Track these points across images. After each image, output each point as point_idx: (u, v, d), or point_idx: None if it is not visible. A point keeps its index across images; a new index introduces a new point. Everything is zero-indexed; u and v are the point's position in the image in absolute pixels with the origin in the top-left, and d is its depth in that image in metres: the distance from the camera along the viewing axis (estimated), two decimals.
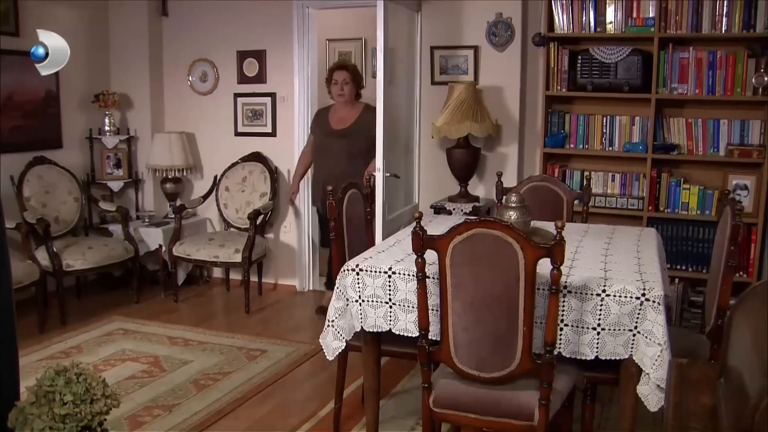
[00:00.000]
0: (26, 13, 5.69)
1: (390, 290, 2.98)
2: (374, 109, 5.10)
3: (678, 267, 5.06)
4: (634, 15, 4.99)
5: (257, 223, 5.85)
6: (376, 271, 2.99)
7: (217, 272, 6.63)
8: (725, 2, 4.73)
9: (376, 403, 3.26)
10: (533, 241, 2.53)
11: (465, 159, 5.29)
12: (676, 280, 5.04)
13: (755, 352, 1.67)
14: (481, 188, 5.59)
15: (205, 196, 6.43)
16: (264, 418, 3.96)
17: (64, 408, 1.87)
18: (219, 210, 6.40)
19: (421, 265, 2.68)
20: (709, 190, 4.98)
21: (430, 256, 2.66)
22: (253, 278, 6.17)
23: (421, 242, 2.65)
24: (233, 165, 6.34)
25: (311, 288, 6.35)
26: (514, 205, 3.30)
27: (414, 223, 2.67)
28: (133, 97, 6.55)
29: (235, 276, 6.37)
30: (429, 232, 2.67)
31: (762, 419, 1.41)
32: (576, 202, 4.31)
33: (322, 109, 5.76)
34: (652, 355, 2.68)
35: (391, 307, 2.99)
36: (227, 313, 5.93)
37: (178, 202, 6.32)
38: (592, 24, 5.09)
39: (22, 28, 5.65)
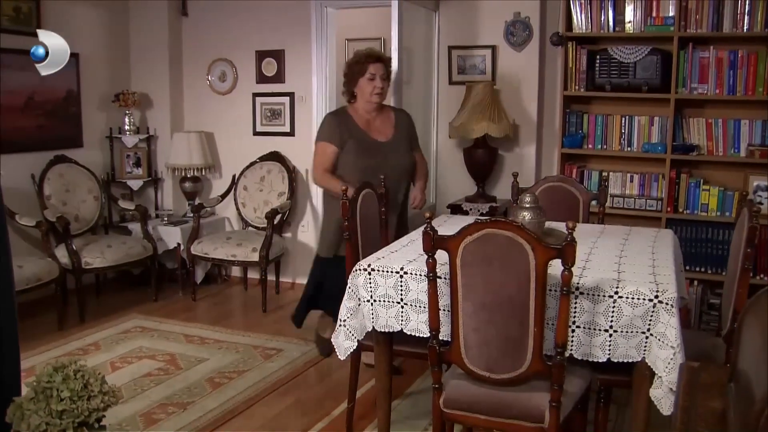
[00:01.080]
0: (48, 14, 5.75)
1: (402, 290, 2.97)
2: (403, 110, 4.72)
3: (697, 269, 5.00)
4: (654, 14, 4.94)
5: (275, 222, 5.87)
6: (387, 271, 2.99)
7: (236, 271, 6.65)
8: (747, 1, 4.67)
9: (387, 403, 3.25)
10: (544, 242, 2.51)
11: (482, 159, 5.27)
12: (695, 282, 4.99)
13: (763, 355, 1.65)
14: (498, 188, 5.56)
15: (224, 195, 6.46)
16: (278, 417, 3.97)
17: (62, 404, 1.88)
18: (237, 209, 6.43)
19: (431, 265, 2.67)
20: (730, 192, 4.92)
21: (443, 256, 2.65)
22: (271, 277, 6.19)
23: (432, 242, 2.64)
24: (252, 164, 6.36)
25: None
26: (527, 205, 3.29)
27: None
28: (153, 96, 6.60)
29: (253, 275, 6.38)
30: (442, 233, 2.66)
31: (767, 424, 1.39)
32: (594, 203, 4.28)
33: (340, 113, 4.56)
34: (664, 357, 2.65)
35: (402, 307, 2.98)
36: (244, 312, 5.96)
37: (197, 201, 6.35)
38: (610, 23, 5.05)
39: (43, 28, 5.69)
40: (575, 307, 2.73)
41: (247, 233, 6.18)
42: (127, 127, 6.40)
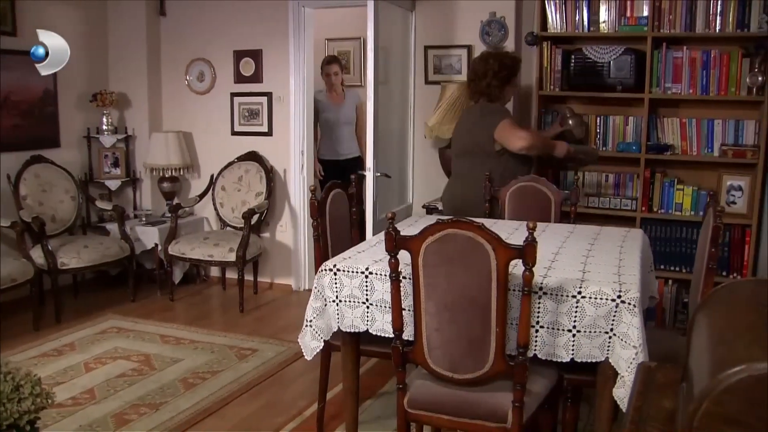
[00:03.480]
0: (24, 13, 5.72)
1: (367, 290, 2.97)
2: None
3: (672, 268, 5.03)
4: (628, 14, 4.96)
5: (252, 222, 5.86)
6: (353, 272, 2.99)
7: (215, 271, 6.64)
8: (719, 1, 4.69)
9: (355, 403, 3.25)
10: (504, 242, 2.51)
11: None
12: (670, 282, 5.01)
13: (706, 354, 1.66)
14: None
15: (202, 195, 6.45)
16: (250, 417, 3.97)
17: None
18: (215, 209, 6.42)
19: (394, 265, 2.68)
20: (703, 191, 4.93)
21: (407, 257, 2.66)
22: (249, 277, 6.19)
23: (394, 242, 2.64)
24: (229, 164, 6.35)
25: (307, 287, 6.34)
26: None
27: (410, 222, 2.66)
28: (131, 96, 6.58)
29: (232, 275, 6.37)
30: (411, 233, 2.66)
31: (701, 424, 1.39)
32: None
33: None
34: (627, 357, 2.66)
35: (368, 307, 2.98)
36: (222, 312, 5.96)
37: (175, 201, 6.34)
38: (585, 23, 5.07)
39: (19, 27, 5.68)
40: (539, 308, 2.73)
41: (225, 233, 6.17)
42: (105, 127, 6.39)
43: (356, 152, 6.62)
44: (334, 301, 3.02)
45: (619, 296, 2.68)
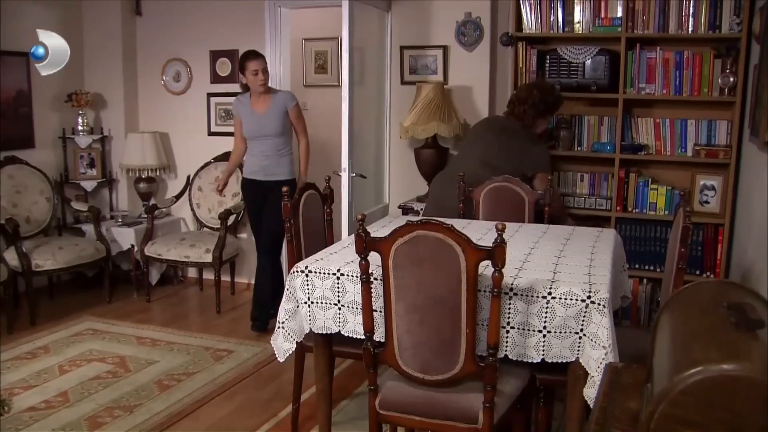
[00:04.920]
0: None
1: (339, 292, 2.97)
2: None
3: (647, 267, 5.05)
4: (602, 15, 4.97)
5: (228, 223, 5.84)
6: (325, 273, 2.99)
7: (192, 272, 6.61)
8: (691, 3, 4.73)
9: (328, 404, 3.26)
10: (474, 244, 2.52)
11: (433, 159, 5.27)
12: (644, 281, 5.04)
13: (667, 355, 1.67)
14: None
15: (178, 196, 6.42)
16: (225, 419, 3.96)
17: None
18: (192, 210, 6.39)
19: (364, 267, 2.68)
20: (677, 191, 4.97)
21: (379, 258, 2.66)
22: (227, 278, 6.17)
23: (364, 244, 2.64)
24: (206, 165, 6.33)
25: None
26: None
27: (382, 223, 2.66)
28: (107, 96, 6.54)
29: (209, 276, 6.33)
30: (384, 234, 2.67)
31: (658, 425, 1.40)
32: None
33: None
34: (597, 357, 2.68)
35: (340, 309, 2.99)
36: (198, 313, 5.94)
37: (152, 202, 6.31)
38: (560, 24, 5.08)
39: None
40: (509, 308, 2.75)
41: (201, 234, 6.15)
42: (80, 128, 6.34)
43: (282, 174, 5.18)
44: (306, 302, 3.02)
45: (588, 297, 2.70)
